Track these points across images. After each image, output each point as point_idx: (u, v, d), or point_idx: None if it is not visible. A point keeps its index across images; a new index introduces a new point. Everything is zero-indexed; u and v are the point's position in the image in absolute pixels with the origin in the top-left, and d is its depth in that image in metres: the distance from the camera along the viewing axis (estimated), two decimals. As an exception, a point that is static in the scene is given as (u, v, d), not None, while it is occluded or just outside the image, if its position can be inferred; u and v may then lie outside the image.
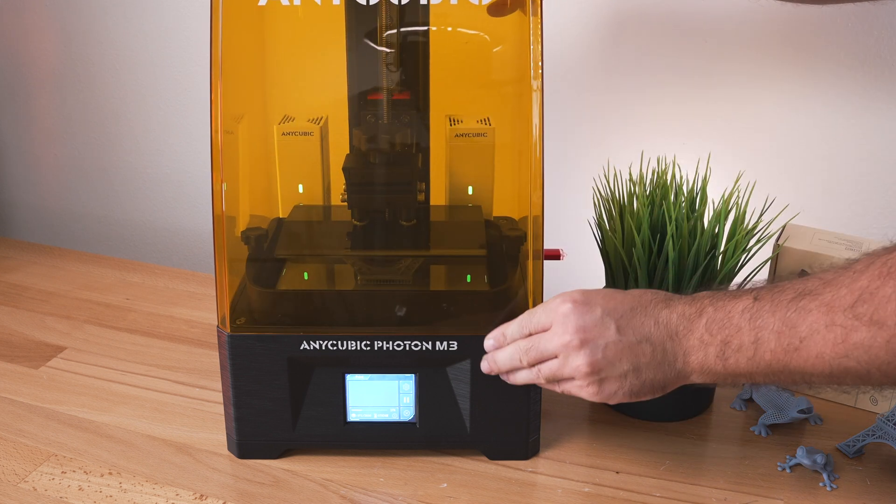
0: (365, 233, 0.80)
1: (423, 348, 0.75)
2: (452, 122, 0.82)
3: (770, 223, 0.83)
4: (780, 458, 0.79)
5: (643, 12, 1.03)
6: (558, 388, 0.69)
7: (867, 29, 0.95)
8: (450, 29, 0.78)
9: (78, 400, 0.88)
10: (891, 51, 0.95)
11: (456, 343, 0.75)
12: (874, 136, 1.00)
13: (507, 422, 0.77)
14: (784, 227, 0.89)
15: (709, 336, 0.62)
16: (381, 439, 0.79)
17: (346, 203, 0.79)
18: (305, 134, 0.81)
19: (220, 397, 0.87)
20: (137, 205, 1.38)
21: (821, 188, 1.03)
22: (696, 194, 0.83)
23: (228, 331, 0.75)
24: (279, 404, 0.77)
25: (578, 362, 0.66)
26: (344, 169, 0.78)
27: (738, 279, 0.84)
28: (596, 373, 0.66)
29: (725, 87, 1.03)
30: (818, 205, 1.02)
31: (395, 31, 0.76)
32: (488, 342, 0.73)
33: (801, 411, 0.81)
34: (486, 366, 0.73)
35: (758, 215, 0.82)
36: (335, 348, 0.75)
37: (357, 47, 0.78)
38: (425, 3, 0.75)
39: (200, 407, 0.88)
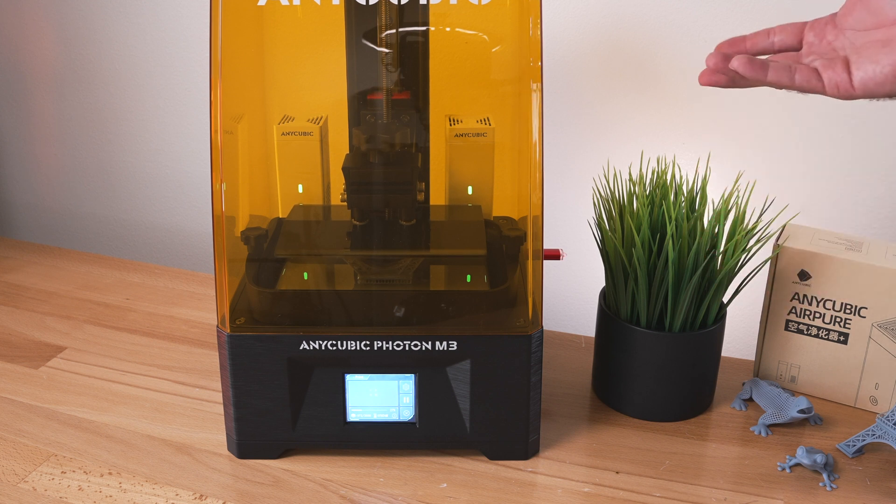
0: (364, 233, 0.80)
1: (423, 348, 0.75)
2: (452, 122, 0.82)
3: (770, 223, 0.83)
4: (780, 458, 0.79)
5: (643, 12, 1.03)
6: None
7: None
8: (449, 29, 0.78)
9: (78, 400, 0.89)
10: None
11: (456, 343, 0.75)
12: (874, 136, 1.00)
13: (507, 422, 0.77)
14: (784, 227, 0.89)
15: None
16: (380, 439, 0.79)
17: (345, 203, 0.79)
18: (305, 134, 0.81)
19: (220, 397, 0.87)
20: (137, 205, 1.38)
21: (821, 188, 1.03)
22: (696, 194, 0.83)
23: (228, 331, 0.75)
24: (279, 404, 0.77)
25: None
26: (343, 169, 0.78)
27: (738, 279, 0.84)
28: None
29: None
30: (818, 205, 1.02)
31: (394, 31, 0.76)
32: None
33: (801, 411, 0.81)
34: None
35: (758, 215, 0.83)
36: (335, 348, 0.75)
37: (357, 47, 0.78)
38: (425, 2, 0.75)
39: (200, 407, 0.88)
